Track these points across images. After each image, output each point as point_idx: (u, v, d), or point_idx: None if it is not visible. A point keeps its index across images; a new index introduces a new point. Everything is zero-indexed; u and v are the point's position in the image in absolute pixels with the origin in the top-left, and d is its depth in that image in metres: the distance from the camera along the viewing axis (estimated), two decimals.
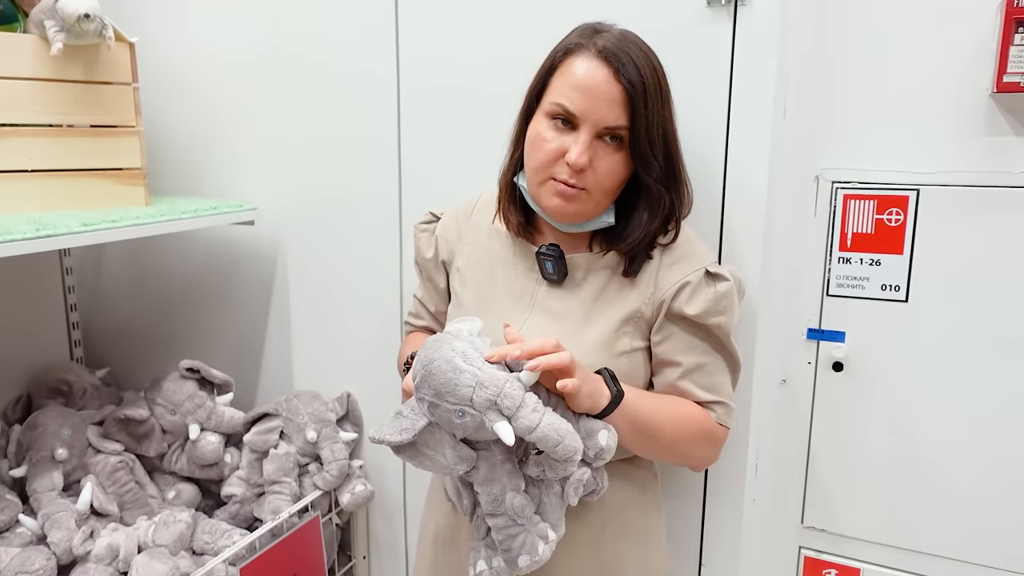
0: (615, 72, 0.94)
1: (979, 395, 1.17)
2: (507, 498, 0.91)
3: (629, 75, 0.94)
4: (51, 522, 1.26)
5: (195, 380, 1.49)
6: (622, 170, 0.99)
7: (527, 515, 0.92)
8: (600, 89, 0.94)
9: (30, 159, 1.31)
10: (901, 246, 1.19)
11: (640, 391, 1.03)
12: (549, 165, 0.98)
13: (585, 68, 0.95)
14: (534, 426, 0.85)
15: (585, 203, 0.99)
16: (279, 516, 1.37)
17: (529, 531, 0.92)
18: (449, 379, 0.86)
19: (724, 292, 1.02)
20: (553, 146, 0.97)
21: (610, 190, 1.00)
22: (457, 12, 1.32)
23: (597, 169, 0.97)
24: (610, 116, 0.95)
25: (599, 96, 0.94)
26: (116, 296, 1.83)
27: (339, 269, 1.52)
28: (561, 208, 1.00)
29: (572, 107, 0.95)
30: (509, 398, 0.85)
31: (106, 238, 1.25)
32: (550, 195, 1.00)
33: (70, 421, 1.40)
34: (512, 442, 0.85)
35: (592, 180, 0.97)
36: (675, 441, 1.02)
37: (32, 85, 1.30)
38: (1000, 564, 1.20)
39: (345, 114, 1.45)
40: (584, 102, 0.95)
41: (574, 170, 0.96)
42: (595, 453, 0.93)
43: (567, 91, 0.96)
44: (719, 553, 1.29)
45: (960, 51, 1.10)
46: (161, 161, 1.64)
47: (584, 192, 0.98)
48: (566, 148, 0.96)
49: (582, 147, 0.95)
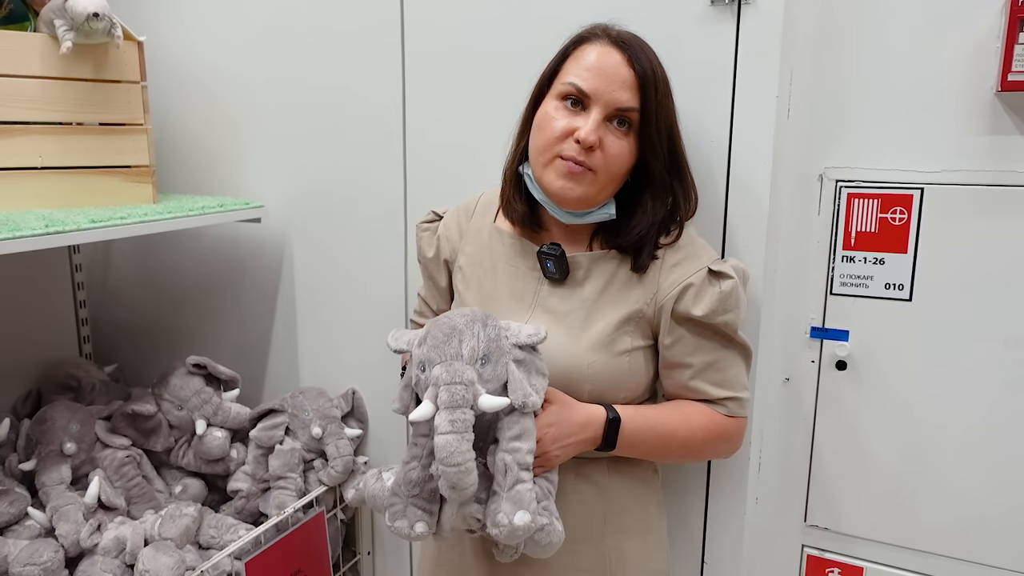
0: (629, 58, 0.97)
1: (983, 394, 1.17)
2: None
3: (641, 62, 0.97)
4: (59, 515, 1.28)
5: (202, 376, 1.50)
6: (629, 156, 1.00)
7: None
8: (613, 71, 0.97)
9: (40, 157, 1.33)
10: (905, 245, 1.18)
11: (640, 413, 1.04)
12: (557, 142, 0.99)
13: (599, 52, 0.98)
14: (437, 431, 0.87)
15: (591, 185, 0.99)
16: (284, 511, 1.38)
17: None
18: (441, 339, 0.90)
19: (729, 290, 1.02)
20: (562, 123, 0.98)
21: (616, 175, 1.00)
22: (463, 8, 1.32)
23: (606, 150, 0.98)
24: (623, 97, 0.97)
25: (612, 77, 0.97)
26: (125, 293, 1.85)
27: (345, 267, 1.53)
28: (565, 188, 0.99)
29: (585, 86, 0.97)
30: (450, 394, 0.87)
31: (114, 235, 1.26)
32: (556, 175, 1.00)
33: (78, 416, 1.41)
34: (417, 417, 0.88)
35: (600, 161, 0.98)
36: (687, 450, 1.07)
37: (42, 83, 1.31)
38: (1004, 563, 1.20)
39: (352, 113, 1.46)
40: (597, 82, 0.97)
41: (583, 147, 0.97)
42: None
43: (580, 71, 0.98)
44: (721, 551, 1.29)
45: (964, 50, 1.10)
46: (169, 159, 1.65)
47: (591, 173, 0.98)
48: (575, 127, 0.97)
49: (593, 125, 0.96)
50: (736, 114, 1.15)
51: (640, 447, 1.03)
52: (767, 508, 1.32)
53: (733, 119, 1.16)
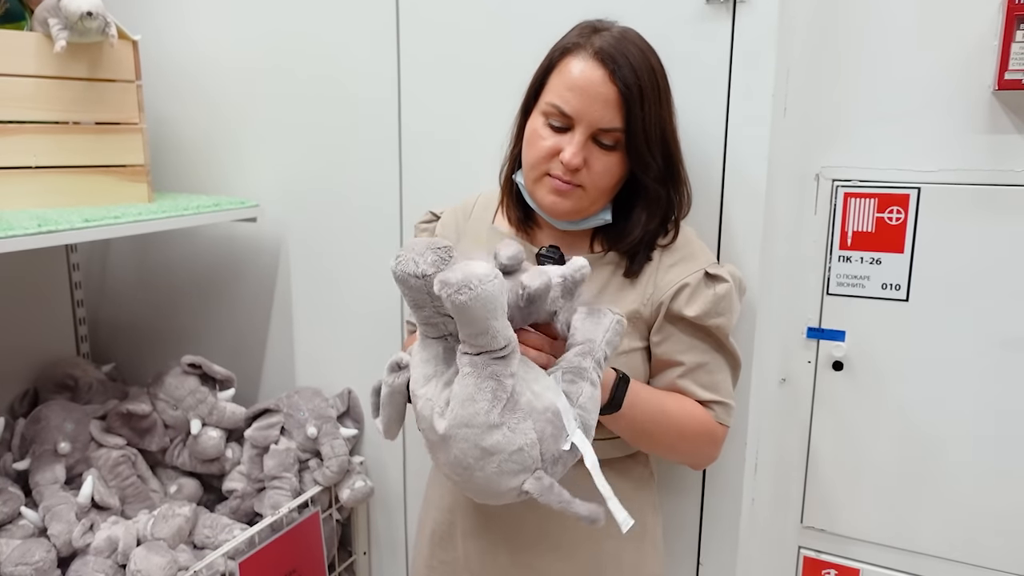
0: (611, 73, 0.93)
1: (979, 394, 1.16)
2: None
3: (625, 77, 0.93)
4: (52, 515, 1.28)
5: (197, 376, 1.50)
6: (618, 170, 0.99)
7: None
8: (595, 90, 0.94)
9: (34, 156, 1.33)
10: (902, 245, 1.18)
11: (644, 385, 1.03)
12: (544, 161, 0.98)
13: (581, 69, 0.95)
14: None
15: (580, 200, 0.99)
16: (278, 511, 1.38)
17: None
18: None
19: (723, 294, 1.01)
20: (548, 143, 0.97)
21: (606, 189, 1.00)
22: (458, 7, 1.32)
23: (592, 168, 0.97)
24: (605, 118, 0.94)
25: (594, 97, 0.94)
26: (122, 292, 1.85)
27: (341, 266, 1.53)
28: (556, 204, 1.00)
29: (567, 108, 0.95)
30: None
31: (108, 234, 1.26)
32: (545, 191, 1.00)
33: (73, 415, 1.41)
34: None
35: (588, 178, 0.97)
36: (678, 438, 1.02)
37: (37, 82, 1.31)
38: (1000, 565, 1.19)
39: (347, 112, 1.46)
40: (579, 103, 0.94)
41: (568, 169, 0.96)
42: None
43: (563, 91, 0.96)
44: (717, 552, 1.28)
45: (961, 48, 1.09)
46: (164, 158, 1.65)
47: (579, 189, 0.98)
48: (561, 147, 0.96)
49: (576, 147, 0.95)
50: (732, 113, 1.15)
51: (639, 419, 0.98)
52: (763, 509, 1.31)
53: (729, 118, 1.15)
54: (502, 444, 0.79)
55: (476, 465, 0.81)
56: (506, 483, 0.81)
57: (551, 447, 0.81)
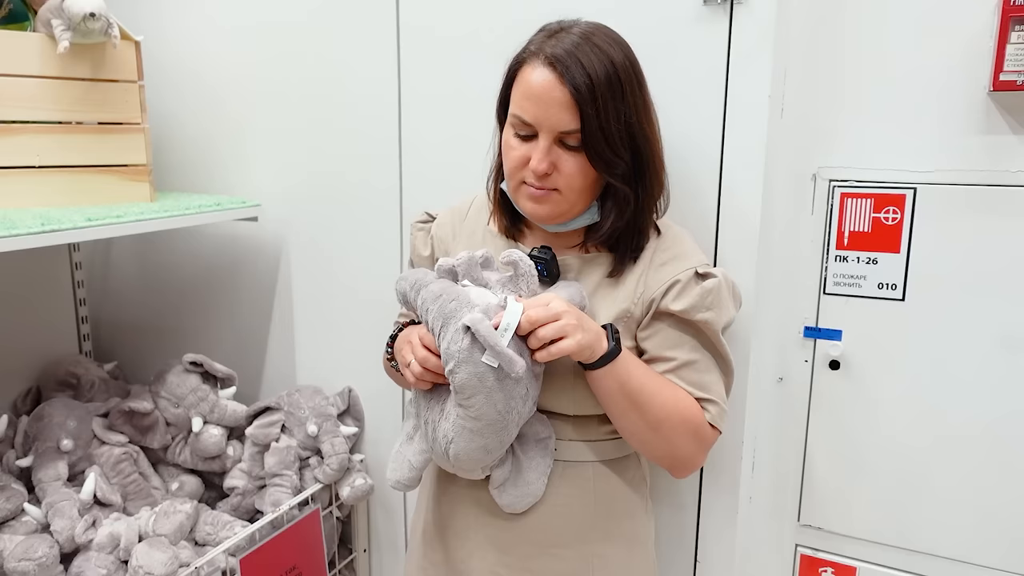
0: (560, 77, 0.94)
1: (975, 393, 1.17)
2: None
3: (574, 78, 0.93)
4: (55, 511, 1.29)
5: (198, 374, 1.52)
6: (589, 169, 0.99)
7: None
8: (549, 96, 0.95)
9: (37, 155, 1.34)
10: (898, 245, 1.18)
11: (639, 360, 1.02)
12: (518, 171, 1.01)
13: (534, 77, 0.96)
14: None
15: (559, 203, 1.00)
16: (279, 508, 1.39)
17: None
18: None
19: (711, 288, 1.01)
20: (518, 153, 0.99)
21: (583, 189, 1.00)
22: (457, 12, 1.33)
23: (563, 171, 0.98)
24: (563, 121, 0.95)
25: (549, 103, 0.95)
26: (124, 291, 1.86)
27: (341, 265, 1.54)
28: (536, 211, 1.02)
29: (527, 117, 0.97)
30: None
31: (110, 233, 1.27)
32: (524, 199, 1.02)
33: (76, 413, 1.43)
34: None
35: (561, 181, 0.98)
36: (662, 419, 0.99)
37: (40, 83, 1.32)
38: (996, 564, 1.19)
39: (348, 112, 1.47)
40: (536, 110, 0.96)
41: (537, 176, 0.98)
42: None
43: (521, 101, 0.98)
44: (714, 551, 1.29)
45: (957, 49, 1.10)
46: (166, 158, 1.66)
47: (555, 193, 0.99)
48: (530, 155, 0.98)
49: (541, 154, 0.97)
50: (729, 114, 1.15)
51: (628, 386, 0.97)
52: (760, 508, 1.32)
53: (726, 119, 1.16)
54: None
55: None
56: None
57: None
